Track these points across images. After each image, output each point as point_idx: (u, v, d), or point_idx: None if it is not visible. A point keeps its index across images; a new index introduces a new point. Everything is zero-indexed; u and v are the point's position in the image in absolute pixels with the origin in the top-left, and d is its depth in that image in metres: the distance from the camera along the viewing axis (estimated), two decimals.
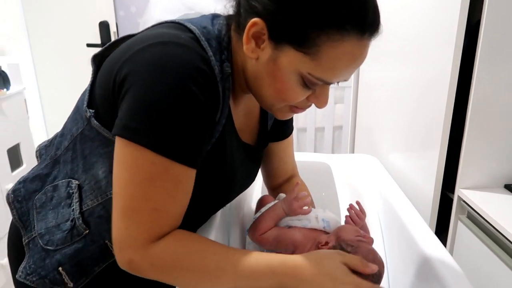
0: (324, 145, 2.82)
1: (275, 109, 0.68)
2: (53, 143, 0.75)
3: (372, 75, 1.69)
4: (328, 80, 0.61)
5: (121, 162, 0.58)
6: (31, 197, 0.72)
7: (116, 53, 0.64)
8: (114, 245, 0.59)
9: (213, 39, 0.63)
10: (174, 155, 0.56)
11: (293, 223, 0.79)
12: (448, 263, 0.75)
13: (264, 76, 0.62)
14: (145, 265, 0.58)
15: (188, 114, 0.57)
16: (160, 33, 0.61)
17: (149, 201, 0.57)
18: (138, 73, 0.57)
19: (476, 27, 1.02)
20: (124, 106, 0.57)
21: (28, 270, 0.69)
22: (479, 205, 1.04)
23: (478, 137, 1.08)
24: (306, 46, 0.57)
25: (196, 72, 0.57)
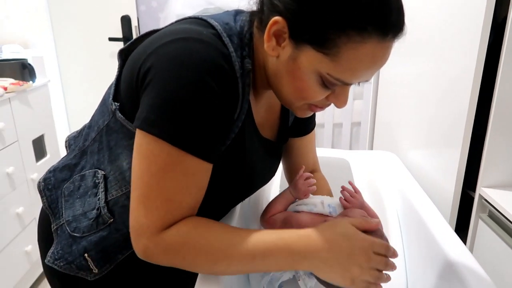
0: (341, 141, 2.80)
1: (294, 107, 0.68)
2: (81, 134, 0.78)
3: (393, 71, 1.67)
4: (347, 81, 0.60)
5: (139, 153, 0.60)
6: (60, 185, 0.75)
7: (140, 48, 0.66)
8: (131, 233, 0.61)
9: (234, 35, 0.64)
10: (189, 147, 0.58)
11: (300, 208, 0.80)
12: (469, 262, 0.74)
13: (284, 74, 0.63)
14: (159, 251, 0.60)
15: (205, 108, 0.58)
16: (183, 28, 0.63)
17: (162, 191, 0.58)
18: (159, 67, 0.58)
19: (502, 24, 1.01)
20: (145, 100, 0.59)
21: (56, 255, 0.72)
22: (501, 204, 1.03)
23: (501, 136, 1.07)
24: (326, 47, 0.57)
25: (215, 68, 0.58)
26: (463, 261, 0.75)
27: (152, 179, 0.58)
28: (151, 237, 0.59)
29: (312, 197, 0.82)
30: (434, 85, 1.31)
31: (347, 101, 0.66)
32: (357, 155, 1.34)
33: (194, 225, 0.61)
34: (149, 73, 0.59)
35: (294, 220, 0.77)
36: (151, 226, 0.59)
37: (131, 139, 0.66)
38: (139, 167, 0.59)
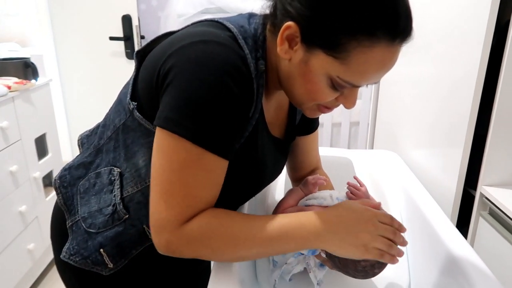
0: (340, 140, 2.83)
1: (304, 107, 0.71)
2: (95, 132, 0.79)
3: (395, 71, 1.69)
4: (356, 84, 0.63)
5: (159, 150, 0.61)
6: (75, 183, 0.76)
7: (159, 48, 0.67)
8: (152, 229, 0.63)
9: (249, 38, 0.66)
10: (208, 145, 0.60)
11: (310, 202, 0.83)
12: (472, 258, 0.76)
13: (296, 76, 0.65)
14: (182, 244, 0.62)
15: (225, 108, 0.60)
16: (202, 31, 0.65)
17: (183, 187, 0.60)
18: (180, 68, 0.60)
19: (505, 27, 1.03)
20: (166, 99, 0.61)
21: (71, 251, 0.73)
22: (502, 202, 1.06)
23: (502, 136, 1.09)
24: (337, 51, 0.59)
25: (233, 70, 0.60)
26: (466, 257, 0.77)
27: (173, 175, 0.60)
28: (173, 231, 0.61)
29: (321, 191, 0.85)
30: (437, 85, 1.33)
31: (356, 102, 0.68)
32: (360, 154, 1.36)
33: (213, 215, 0.64)
34: (170, 73, 0.61)
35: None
36: (172, 221, 0.61)
37: (148, 137, 0.67)
38: (160, 164, 0.61)
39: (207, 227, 0.62)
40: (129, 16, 2.33)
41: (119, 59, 2.41)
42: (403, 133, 1.61)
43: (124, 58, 2.40)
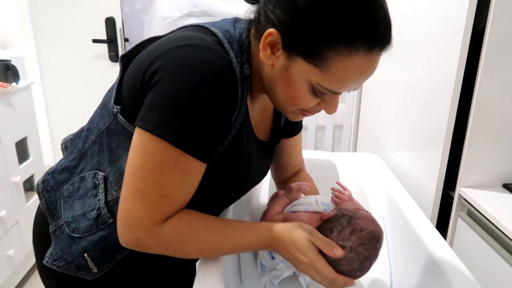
0: (324, 143, 2.85)
1: (287, 111, 0.72)
2: (79, 136, 0.79)
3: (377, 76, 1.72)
4: (336, 91, 0.64)
5: (136, 149, 0.62)
6: (59, 187, 0.75)
7: (145, 53, 0.68)
8: (119, 223, 0.63)
9: (234, 42, 0.67)
10: (187, 148, 0.60)
11: (296, 208, 0.83)
12: (451, 259, 0.78)
13: (278, 82, 0.66)
14: (154, 244, 0.64)
15: (207, 112, 0.60)
16: (188, 35, 0.65)
17: (158, 187, 0.61)
18: (165, 71, 0.60)
19: (481, 34, 1.07)
20: (148, 100, 0.61)
21: (54, 256, 0.72)
22: (479, 203, 1.09)
23: (479, 139, 1.13)
24: (316, 59, 0.60)
25: (218, 74, 0.61)
26: (445, 257, 0.79)
27: (149, 175, 0.61)
28: (145, 230, 0.62)
29: (306, 197, 0.86)
30: (417, 90, 1.36)
31: (337, 108, 0.70)
32: (343, 157, 1.39)
33: (188, 224, 0.66)
34: (155, 76, 0.61)
35: (293, 219, 0.80)
36: (145, 221, 0.62)
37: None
38: (136, 162, 0.62)
39: (182, 235, 0.65)
40: (112, 18, 2.31)
41: (103, 62, 2.38)
42: (385, 136, 1.64)
43: (108, 60, 2.38)
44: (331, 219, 0.74)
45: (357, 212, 0.74)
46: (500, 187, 1.18)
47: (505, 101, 1.09)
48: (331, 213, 0.77)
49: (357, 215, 0.73)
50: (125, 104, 0.69)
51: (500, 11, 1.01)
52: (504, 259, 1.00)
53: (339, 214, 0.74)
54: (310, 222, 0.77)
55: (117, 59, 2.29)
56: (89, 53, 2.38)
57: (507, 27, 1.03)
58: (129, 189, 0.62)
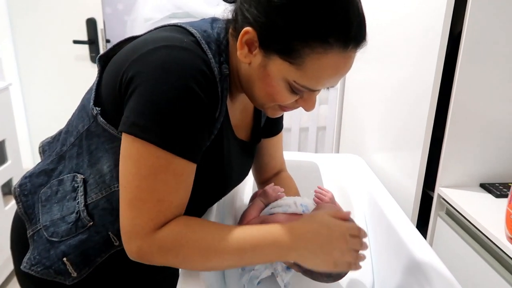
0: (308, 145, 2.87)
1: (266, 107, 0.72)
2: (57, 139, 0.78)
3: (358, 77, 1.75)
4: (312, 88, 0.65)
5: (128, 157, 0.61)
6: (36, 191, 0.74)
7: (122, 54, 0.67)
8: (123, 235, 0.62)
9: (212, 42, 0.67)
10: (177, 150, 0.60)
11: (275, 210, 0.83)
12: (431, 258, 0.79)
13: (256, 79, 0.67)
14: (154, 250, 0.61)
15: (191, 112, 0.60)
16: (165, 36, 0.65)
17: (154, 193, 0.60)
18: (144, 74, 0.60)
19: (458, 37, 1.09)
20: (131, 105, 0.61)
21: (32, 261, 0.71)
22: (457, 202, 1.11)
23: (456, 140, 1.15)
24: (292, 57, 0.61)
25: (198, 74, 0.61)
26: (425, 257, 0.80)
27: (143, 182, 0.60)
28: (144, 237, 0.61)
29: (284, 198, 0.86)
30: (397, 92, 1.39)
31: (315, 105, 0.71)
32: (326, 158, 1.40)
33: (186, 224, 0.64)
34: (134, 80, 0.61)
35: (271, 222, 0.81)
36: (144, 227, 0.61)
37: (113, 143, 0.67)
38: (129, 171, 0.61)
39: (179, 236, 0.62)
40: (93, 19, 2.28)
41: (84, 63, 2.35)
42: (367, 137, 1.67)
43: (89, 62, 2.34)
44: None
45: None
46: (478, 186, 1.21)
47: (481, 103, 1.12)
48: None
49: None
50: (105, 106, 0.68)
51: (475, 15, 1.04)
52: (481, 256, 1.02)
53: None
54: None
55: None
56: (70, 54, 2.34)
57: (482, 31, 1.05)
58: (126, 200, 0.61)
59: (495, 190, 1.15)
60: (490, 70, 1.09)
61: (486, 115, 1.14)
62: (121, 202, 0.62)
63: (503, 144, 1.17)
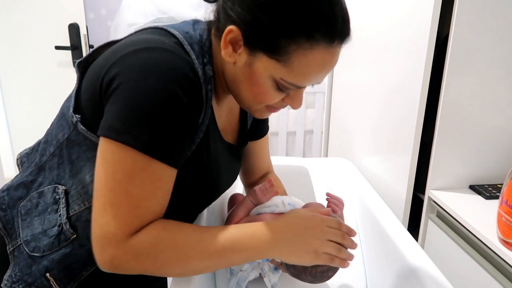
0: (295, 149, 2.87)
1: (253, 109, 0.71)
2: (36, 149, 0.74)
3: (346, 81, 1.75)
4: (300, 85, 0.64)
5: (103, 160, 0.59)
6: (15, 204, 0.70)
7: (102, 58, 0.65)
8: (94, 243, 0.59)
9: (195, 44, 0.65)
10: (156, 153, 0.58)
11: (262, 210, 0.83)
12: (423, 260, 0.79)
13: (242, 79, 0.65)
14: (129, 258, 0.58)
15: (172, 115, 0.58)
16: (145, 38, 0.63)
17: (129, 197, 0.58)
18: (124, 76, 0.58)
19: (445, 41, 1.10)
20: (110, 108, 0.59)
21: (14, 278, 0.68)
22: (448, 205, 1.12)
23: (446, 143, 1.16)
24: (278, 54, 0.60)
25: (180, 76, 0.59)
26: (417, 259, 0.80)
27: (118, 186, 0.57)
28: (119, 244, 0.58)
29: (272, 199, 0.85)
30: (385, 95, 1.39)
31: (302, 102, 0.70)
32: (315, 163, 1.39)
33: (163, 227, 0.61)
34: (114, 82, 0.58)
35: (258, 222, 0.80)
36: (118, 234, 0.58)
37: (94, 151, 0.64)
38: (104, 175, 0.58)
39: (157, 240, 0.60)
40: (76, 24, 2.24)
41: (67, 70, 2.30)
42: (356, 141, 1.67)
43: (72, 68, 2.30)
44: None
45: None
46: (467, 188, 1.21)
47: (469, 106, 1.13)
48: None
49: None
50: (85, 113, 0.65)
51: (461, 19, 1.05)
52: (473, 258, 1.02)
53: None
54: None
55: None
56: (53, 60, 2.29)
57: (469, 35, 1.06)
58: (99, 205, 0.58)
59: (485, 192, 1.15)
60: (478, 73, 1.10)
61: (474, 118, 1.14)
62: (94, 206, 0.59)
63: (491, 146, 1.18)
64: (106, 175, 0.58)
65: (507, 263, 0.90)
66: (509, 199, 0.87)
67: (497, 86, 1.12)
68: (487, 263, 0.98)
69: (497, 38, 1.08)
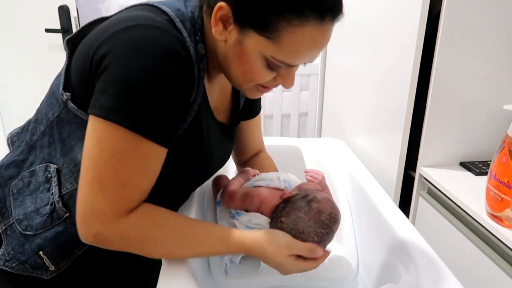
0: (290, 131, 2.88)
1: (244, 88, 0.71)
2: (27, 129, 0.74)
3: (338, 62, 1.74)
4: (290, 63, 0.63)
5: (92, 138, 0.59)
6: (6, 183, 0.71)
7: (92, 35, 0.64)
8: (78, 217, 0.60)
9: (187, 21, 0.65)
10: (146, 132, 0.58)
11: (258, 183, 0.84)
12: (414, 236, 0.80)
13: (232, 58, 0.65)
14: (114, 238, 0.60)
15: (163, 94, 0.58)
16: (136, 15, 0.62)
17: (117, 176, 0.58)
18: (115, 54, 0.58)
19: (437, 18, 1.09)
20: (100, 86, 0.58)
21: (6, 257, 0.68)
22: (438, 181, 1.13)
23: (437, 121, 1.16)
24: (268, 31, 0.59)
25: (172, 54, 0.59)
26: (408, 235, 0.81)
27: (107, 164, 0.57)
28: (106, 223, 0.59)
29: (268, 173, 0.87)
30: (377, 75, 1.39)
31: (294, 81, 0.69)
32: (308, 143, 1.39)
33: (150, 218, 0.63)
34: (104, 60, 0.58)
35: (254, 193, 0.81)
36: (106, 212, 0.58)
37: (85, 129, 0.64)
38: (92, 152, 0.58)
39: (143, 230, 0.61)
40: (66, 7, 2.19)
41: (57, 53, 2.27)
42: (348, 121, 1.67)
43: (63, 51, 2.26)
44: (291, 198, 0.75)
45: (317, 193, 0.75)
46: (457, 165, 1.22)
47: (460, 83, 1.13)
48: (292, 192, 0.78)
49: (316, 197, 0.74)
50: (75, 90, 0.65)
51: None
52: (463, 233, 1.04)
53: (299, 194, 0.75)
54: (271, 198, 0.78)
55: None
56: (43, 43, 2.25)
57: (461, 11, 1.06)
58: (86, 181, 0.58)
59: (475, 168, 1.17)
60: (469, 50, 1.10)
61: (465, 95, 1.15)
62: (80, 182, 0.59)
63: (481, 123, 1.19)
64: (95, 153, 0.58)
65: (496, 236, 0.91)
66: (497, 173, 0.88)
67: (487, 63, 1.12)
68: (476, 237, 1.00)
69: (489, 16, 1.07)
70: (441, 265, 0.71)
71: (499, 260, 0.92)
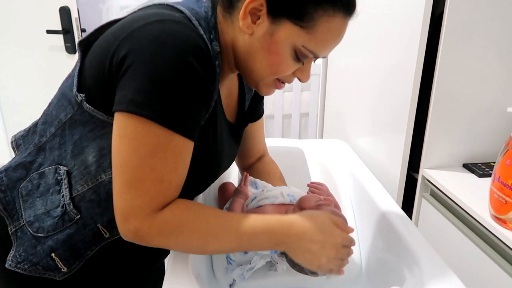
0: (291, 131, 2.88)
1: (262, 83, 0.71)
2: (33, 131, 0.74)
3: (340, 62, 1.75)
4: (318, 53, 0.66)
5: (123, 136, 0.59)
6: (15, 185, 0.71)
7: (108, 35, 0.64)
8: (118, 216, 0.61)
9: (201, 20, 0.65)
10: (177, 127, 0.59)
11: (262, 202, 0.83)
12: (417, 238, 0.81)
13: (259, 49, 0.66)
14: (153, 232, 0.61)
15: (190, 88, 0.59)
16: (154, 12, 0.63)
17: (153, 172, 0.59)
18: (138, 50, 0.58)
19: (440, 19, 1.10)
20: (127, 83, 0.58)
21: (18, 259, 0.69)
22: (441, 183, 1.13)
23: (440, 122, 1.17)
24: (304, 20, 0.62)
25: (195, 48, 0.59)
26: (411, 237, 0.81)
27: (141, 161, 0.58)
28: (144, 218, 0.60)
29: (271, 189, 0.86)
30: (379, 76, 1.39)
31: (310, 75, 0.73)
32: (310, 144, 1.40)
33: (187, 208, 0.64)
34: (128, 57, 0.58)
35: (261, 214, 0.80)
36: (144, 208, 0.59)
37: (102, 129, 0.65)
38: (125, 150, 0.59)
39: (181, 220, 0.62)
40: (67, 8, 2.19)
41: (59, 54, 2.27)
42: (350, 122, 1.67)
43: (65, 52, 2.26)
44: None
45: (320, 209, 0.76)
46: (460, 167, 1.23)
47: (463, 85, 1.14)
48: (295, 211, 0.78)
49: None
50: (91, 91, 0.65)
51: None
52: (466, 235, 1.05)
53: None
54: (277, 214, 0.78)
55: (75, 51, 2.18)
56: (44, 44, 2.25)
57: (464, 12, 1.06)
58: (123, 181, 0.59)
59: (478, 170, 1.17)
60: (472, 51, 1.10)
61: (468, 97, 1.15)
62: (115, 183, 0.60)
63: (485, 124, 1.19)
64: (128, 151, 0.59)
65: (499, 239, 0.92)
66: (501, 175, 0.89)
67: (491, 65, 1.13)
68: (480, 239, 1.00)
69: (492, 17, 1.08)
70: (445, 267, 0.72)
71: (503, 262, 0.92)
